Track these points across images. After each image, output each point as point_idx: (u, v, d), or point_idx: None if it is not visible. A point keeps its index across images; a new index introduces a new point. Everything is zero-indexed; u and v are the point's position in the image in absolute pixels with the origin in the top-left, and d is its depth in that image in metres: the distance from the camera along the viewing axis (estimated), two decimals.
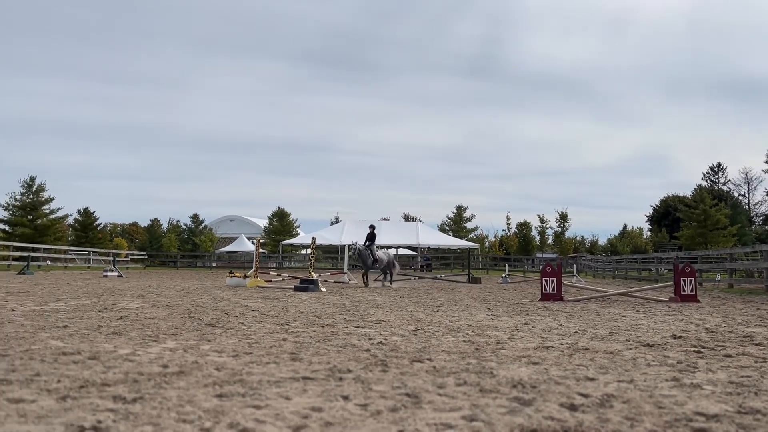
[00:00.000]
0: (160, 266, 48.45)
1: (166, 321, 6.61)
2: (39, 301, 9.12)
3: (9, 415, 2.58)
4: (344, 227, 48.28)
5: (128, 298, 10.26)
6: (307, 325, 6.43)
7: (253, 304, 9.52)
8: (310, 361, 4.13)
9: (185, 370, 3.66)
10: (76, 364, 3.83)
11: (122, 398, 2.92)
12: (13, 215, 46.90)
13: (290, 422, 2.57)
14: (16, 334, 5.24)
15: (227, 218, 79.64)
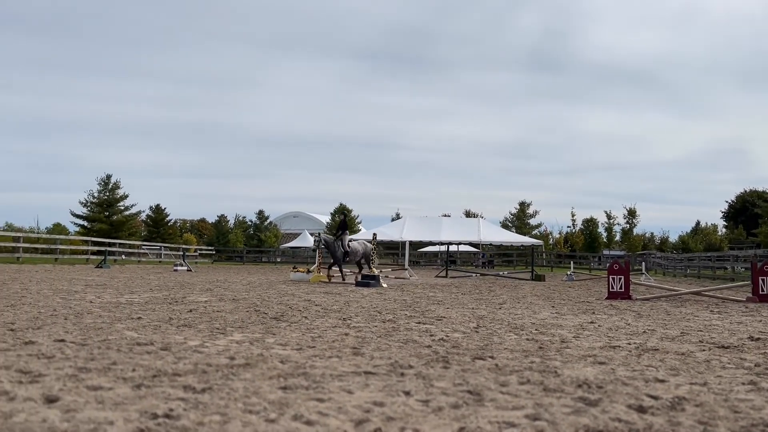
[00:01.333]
0: (227, 261, 49.91)
1: (233, 314, 6.80)
2: (115, 294, 9.57)
3: (88, 401, 2.72)
4: (405, 223, 48.23)
5: (197, 292, 10.63)
6: (369, 321, 6.49)
7: (316, 298, 9.68)
8: (372, 356, 4.16)
9: (251, 363, 3.76)
10: (149, 354, 4.00)
11: (192, 388, 3.03)
12: (91, 212, 49.35)
13: (352, 416, 2.60)
14: (94, 324, 5.52)
15: (291, 214, 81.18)
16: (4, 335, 4.65)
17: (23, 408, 2.56)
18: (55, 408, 2.58)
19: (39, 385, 3.00)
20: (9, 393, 2.79)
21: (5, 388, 2.88)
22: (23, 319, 5.78)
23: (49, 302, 7.66)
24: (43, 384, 3.02)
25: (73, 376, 3.21)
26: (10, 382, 3.02)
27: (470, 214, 67.36)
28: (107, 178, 50.26)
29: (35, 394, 2.79)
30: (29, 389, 2.89)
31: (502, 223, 59.84)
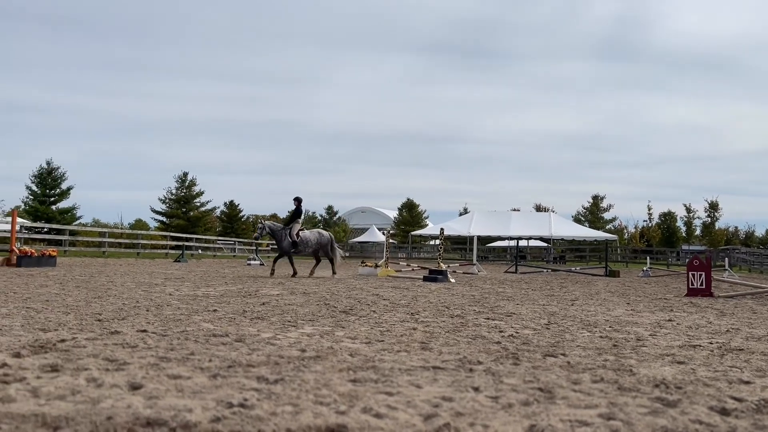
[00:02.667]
0: None
1: (304, 307, 6.95)
2: (192, 287, 9.96)
3: (168, 389, 2.85)
4: (473, 218, 47.89)
5: (269, 286, 10.91)
6: (437, 316, 6.48)
7: (384, 293, 9.74)
8: (440, 351, 4.16)
9: (321, 355, 3.83)
10: (224, 345, 4.14)
11: (265, 379, 3.12)
12: (169, 208, 51.52)
13: (421, 410, 2.60)
14: (173, 316, 5.77)
15: (359, 210, 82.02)
16: (92, 325, 4.93)
17: (110, 394, 2.71)
18: (139, 395, 2.72)
19: (124, 372, 3.17)
20: (97, 380, 2.96)
21: (93, 375, 3.05)
22: (109, 310, 6.11)
23: (132, 294, 8.06)
24: (128, 372, 3.18)
25: (155, 365, 3.37)
26: (98, 370, 3.20)
27: (541, 208, 66.00)
28: (184, 175, 52.34)
29: (120, 381, 2.95)
30: (115, 376, 3.06)
31: (575, 218, 58.37)
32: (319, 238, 15.37)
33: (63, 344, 3.94)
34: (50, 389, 2.75)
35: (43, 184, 43.33)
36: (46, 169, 43.64)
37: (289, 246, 14.86)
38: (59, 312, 5.79)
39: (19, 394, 2.65)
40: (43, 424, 2.26)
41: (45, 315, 5.51)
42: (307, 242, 15.06)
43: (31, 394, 2.67)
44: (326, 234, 15.77)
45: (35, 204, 42.32)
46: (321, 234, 15.63)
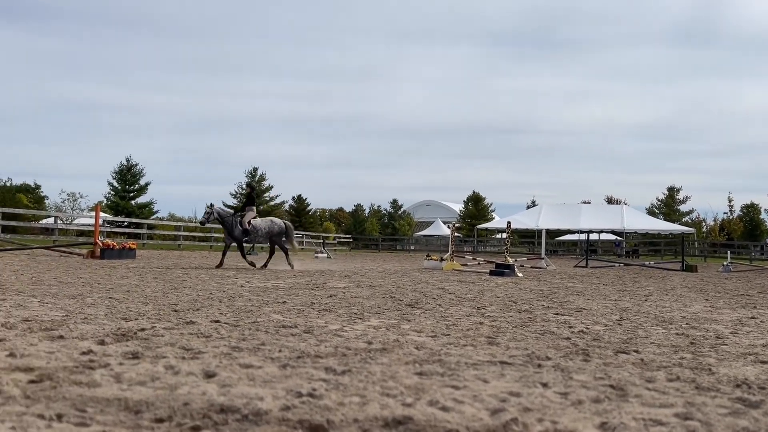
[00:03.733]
0: (364, 249, 51.44)
1: (370, 300, 7.01)
2: (262, 279, 10.23)
3: (240, 378, 2.94)
4: (541, 211, 46.93)
5: (336, 278, 11.08)
6: (504, 310, 6.40)
7: (449, 287, 9.71)
8: (507, 346, 4.11)
9: (387, 348, 3.86)
10: (293, 336, 4.24)
11: (333, 370, 3.17)
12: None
13: (488, 404, 2.58)
14: (245, 307, 5.95)
15: (424, 203, 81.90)
16: (168, 315, 5.15)
17: (186, 381, 2.83)
18: (213, 383, 2.82)
19: (199, 361, 3.29)
20: (174, 368, 3.10)
21: (171, 363, 3.19)
22: (184, 301, 6.37)
23: (205, 286, 8.37)
24: (202, 360, 3.31)
25: (228, 354, 3.49)
26: (175, 358, 3.34)
27: (612, 200, 63.94)
28: (254, 170, 53.75)
29: (196, 370, 3.07)
30: (191, 365, 3.19)
31: (649, 210, 56.23)
32: (270, 226, 14.53)
33: (143, 333, 4.14)
34: (131, 375, 2.90)
35: (123, 180, 45.49)
36: (125, 165, 45.78)
37: (241, 234, 14.13)
38: (139, 302, 6.08)
39: (104, 379, 2.80)
40: (126, 408, 2.38)
41: (126, 305, 5.80)
42: (257, 231, 14.27)
43: (114, 379, 2.82)
44: (279, 222, 14.89)
45: (116, 199, 44.51)
46: (273, 222, 14.78)
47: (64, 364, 3.09)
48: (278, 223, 14.79)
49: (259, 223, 14.40)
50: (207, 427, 2.19)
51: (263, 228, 14.37)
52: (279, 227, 14.66)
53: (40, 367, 2.98)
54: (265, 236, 14.44)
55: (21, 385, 2.64)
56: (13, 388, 2.58)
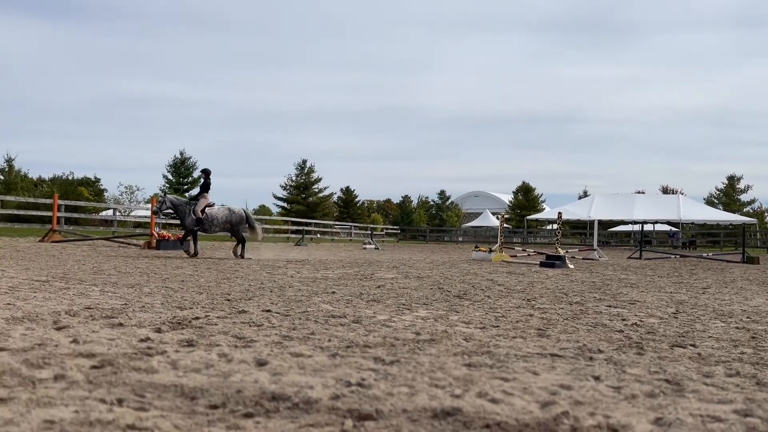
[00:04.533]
0: (411, 240, 51.45)
1: (418, 291, 7.02)
2: (312, 270, 10.37)
3: (291, 366, 2.99)
4: (593, 201, 45.89)
5: (384, 269, 11.12)
6: (554, 302, 6.30)
7: (498, 278, 9.62)
8: (558, 338, 4.05)
9: (436, 339, 3.86)
10: (342, 326, 4.29)
11: (381, 360, 3.19)
12: (290, 194, 53.81)
13: (538, 397, 2.55)
14: (295, 297, 6.04)
15: (472, 194, 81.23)
16: (222, 304, 5.28)
17: (239, 369, 2.90)
18: (265, 371, 2.88)
19: (251, 349, 3.37)
20: (227, 355, 3.18)
21: (224, 351, 3.28)
22: (237, 290, 6.52)
23: (257, 276, 8.54)
24: (254, 349, 3.38)
25: (279, 343, 3.56)
26: (228, 346, 3.43)
27: (668, 190, 61.98)
28: (303, 163, 54.42)
29: (248, 358, 3.14)
30: (243, 353, 3.26)
31: (707, 200, 54.33)
32: (228, 215, 13.96)
33: (197, 321, 4.26)
34: (187, 362, 2.99)
35: (177, 172, 46.79)
36: (179, 158, 47.05)
37: (193, 223, 13.53)
38: (193, 292, 6.25)
39: (161, 366, 2.90)
40: (182, 394, 2.46)
41: (181, 294, 5.97)
42: (212, 220, 13.71)
43: (170, 366, 2.91)
44: (238, 211, 14.22)
45: (170, 191, 45.82)
46: (231, 211, 14.12)
47: (124, 350, 3.21)
48: (237, 212, 14.18)
49: (215, 212, 13.87)
50: (259, 415, 2.24)
51: (220, 217, 13.87)
52: (238, 216, 14.10)
53: (102, 353, 3.10)
54: (222, 225, 13.95)
55: (84, 371, 2.76)
56: (77, 373, 2.70)
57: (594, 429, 2.18)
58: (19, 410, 2.17)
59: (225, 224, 13.96)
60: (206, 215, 13.58)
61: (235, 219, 13.99)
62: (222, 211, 13.97)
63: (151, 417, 2.16)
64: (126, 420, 2.11)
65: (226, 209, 14.13)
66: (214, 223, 13.75)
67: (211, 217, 13.67)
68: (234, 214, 14.02)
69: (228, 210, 14.10)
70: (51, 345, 3.26)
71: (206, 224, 13.61)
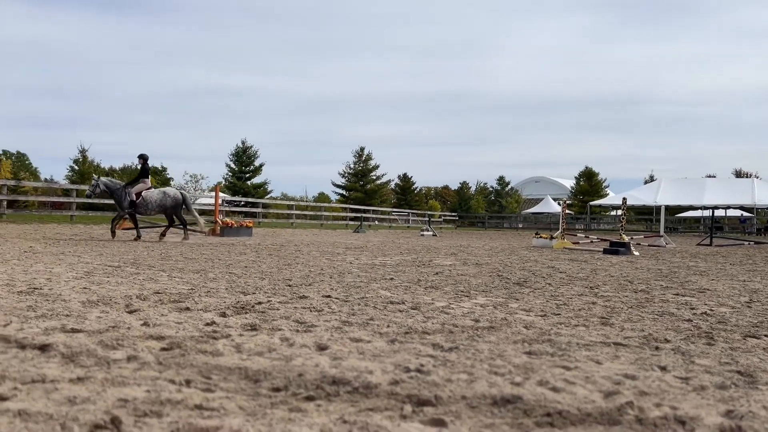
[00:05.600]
0: (469, 226, 51.05)
1: (477, 278, 6.97)
2: (370, 256, 10.45)
3: (351, 351, 3.04)
4: (660, 186, 44.25)
5: (442, 256, 11.09)
6: (618, 290, 6.13)
7: (560, 265, 9.43)
8: (622, 326, 3.94)
9: (495, 326, 3.83)
10: (401, 312, 4.31)
11: (440, 346, 3.19)
12: (348, 181, 54.26)
13: (601, 386, 2.50)
14: (354, 283, 6.11)
15: (532, 179, 79.77)
16: (283, 290, 5.40)
17: (300, 353, 2.96)
18: (325, 355, 2.93)
19: (311, 334, 3.43)
20: (289, 340, 3.25)
21: (286, 335, 3.35)
22: (297, 276, 6.64)
23: (317, 262, 8.67)
24: (315, 334, 3.45)
25: (338, 329, 3.61)
26: (290, 331, 3.51)
27: (742, 174, 59.08)
28: (361, 150, 54.71)
29: (309, 342, 3.20)
30: (304, 337, 3.33)
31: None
32: (162, 199, 13.91)
33: (260, 306, 4.38)
34: (250, 346, 3.07)
35: (239, 161, 47.88)
36: (241, 148, 48.12)
37: (128, 206, 13.56)
38: (256, 277, 6.41)
39: (226, 349, 2.99)
40: (246, 376, 2.53)
41: (244, 280, 6.14)
42: (147, 203, 13.70)
43: (235, 349, 3.01)
44: (173, 194, 14.19)
45: (233, 180, 47.00)
46: (166, 194, 14.07)
47: (191, 333, 3.33)
48: (172, 195, 14.15)
49: (151, 195, 13.86)
50: (320, 398, 2.29)
51: (155, 201, 13.85)
52: (173, 199, 14.06)
53: (170, 336, 3.23)
54: (157, 209, 13.97)
55: (154, 352, 2.88)
56: (148, 355, 2.82)
57: (660, 420, 2.12)
58: (95, 389, 2.29)
59: (159, 207, 13.98)
60: (141, 199, 13.67)
61: (169, 202, 14.00)
62: (156, 194, 14.01)
63: (217, 398, 2.24)
64: (194, 400, 2.19)
65: (160, 192, 14.16)
66: (149, 206, 13.83)
67: (146, 200, 13.75)
68: (168, 198, 14.04)
69: (162, 193, 14.14)
70: (123, 327, 3.42)
71: (141, 207, 13.69)
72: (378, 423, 2.03)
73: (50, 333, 3.21)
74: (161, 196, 13.99)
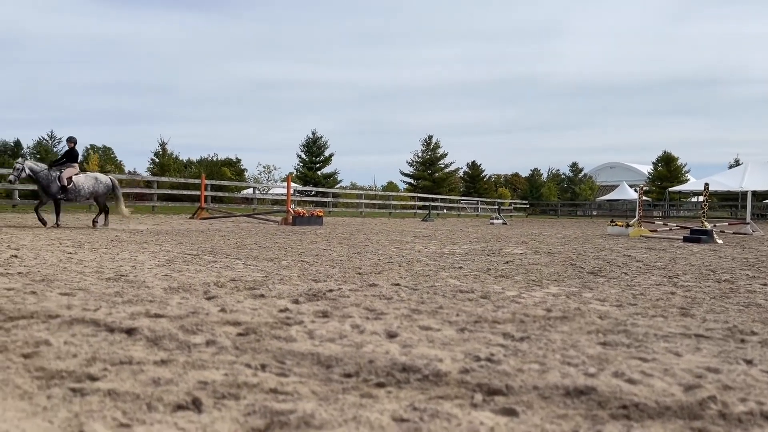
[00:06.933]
0: (541, 215, 50.02)
1: (548, 267, 6.83)
2: (439, 245, 10.43)
3: (420, 339, 3.05)
4: (746, 171, 41.80)
5: (512, 245, 10.93)
6: (700, 280, 5.86)
7: (636, 254, 9.11)
8: (704, 318, 3.77)
9: (568, 316, 3.75)
10: (470, 301, 4.28)
11: (511, 336, 3.16)
12: (416, 170, 54.20)
13: (681, 380, 2.41)
14: (423, 271, 6.12)
15: (607, 165, 77.17)
16: (353, 278, 5.48)
17: (370, 340, 3.00)
18: (395, 343, 2.96)
19: (381, 322, 3.47)
20: (359, 327, 3.30)
21: (356, 323, 3.40)
22: (367, 264, 6.72)
23: (386, 251, 8.74)
24: (385, 321, 3.48)
25: (408, 317, 3.63)
26: (360, 318, 3.56)
27: None
28: (429, 138, 54.48)
29: (379, 329, 3.24)
30: (374, 325, 3.37)
31: None
32: (94, 185, 13.24)
33: (331, 294, 4.46)
34: (322, 332, 3.14)
35: (309, 152, 48.73)
36: (311, 138, 48.94)
37: (58, 191, 12.72)
38: (327, 265, 6.53)
39: (299, 335, 3.07)
40: (318, 362, 2.60)
41: (316, 268, 6.27)
42: (79, 190, 12.98)
43: (307, 335, 3.08)
44: (105, 180, 13.52)
45: (304, 170, 47.89)
46: (98, 180, 13.38)
47: (265, 320, 3.44)
48: (104, 181, 13.53)
49: (82, 181, 13.16)
50: (390, 385, 2.31)
51: (86, 187, 13.17)
52: (105, 185, 13.48)
53: (246, 322, 3.34)
54: (89, 195, 13.33)
55: (231, 337, 3.00)
56: (225, 340, 2.94)
57: (745, 416, 2.02)
58: (177, 371, 2.41)
59: (91, 194, 13.39)
60: (73, 184, 12.96)
61: (101, 189, 13.46)
62: (88, 180, 13.37)
63: (291, 383, 2.31)
64: (269, 384, 2.27)
65: (92, 178, 13.54)
66: (81, 193, 13.16)
67: (78, 186, 13.06)
68: (100, 184, 13.47)
69: (94, 179, 13.53)
70: (202, 313, 3.57)
71: (71, 193, 12.98)
72: (448, 411, 2.03)
73: (136, 318, 3.39)
74: (94, 182, 13.39)
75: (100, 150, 58.63)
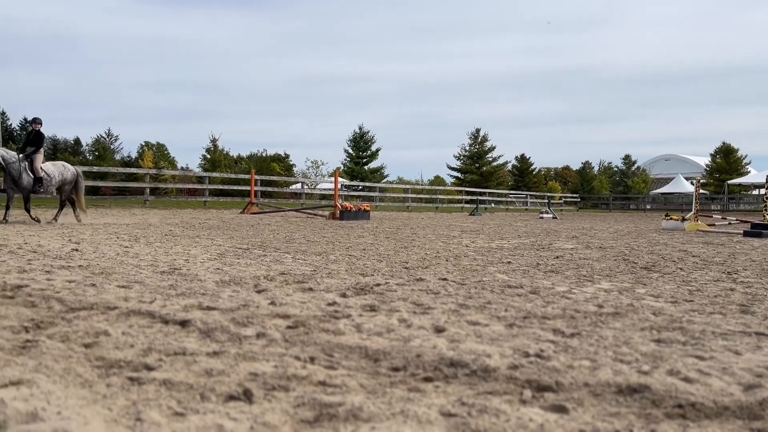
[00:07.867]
0: (592, 209, 48.94)
1: (600, 262, 6.68)
2: (486, 239, 10.33)
3: (468, 334, 3.03)
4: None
5: (563, 239, 10.73)
6: (761, 276, 5.63)
7: (693, 249, 8.81)
8: (765, 315, 3.62)
9: (620, 312, 3.66)
10: (519, 296, 4.23)
11: (561, 332, 3.11)
12: (463, 164, 53.81)
13: (740, 379, 2.32)
14: (470, 266, 6.08)
15: (662, 158, 74.82)
16: (400, 272, 5.48)
17: (417, 335, 3.00)
18: (443, 337, 2.95)
19: (429, 316, 3.47)
20: (406, 321, 3.30)
21: (404, 317, 3.41)
22: (414, 259, 6.71)
23: (433, 245, 8.71)
24: (432, 316, 3.48)
25: (455, 311, 3.62)
26: (407, 312, 3.56)
27: None
28: (476, 132, 53.96)
29: (426, 324, 3.24)
30: (421, 319, 3.37)
31: None
32: (62, 173, 11.98)
33: (378, 288, 4.48)
34: (370, 326, 3.16)
35: (356, 147, 48.96)
36: (358, 133, 49.15)
37: (31, 184, 11.35)
38: (374, 259, 6.56)
39: (347, 329, 3.10)
40: (366, 355, 2.61)
41: (363, 262, 6.30)
42: (49, 179, 11.64)
43: (355, 329, 3.10)
44: (72, 169, 12.35)
45: (351, 165, 48.14)
46: (65, 168, 12.20)
47: (314, 313, 3.48)
48: (71, 170, 12.33)
49: (52, 170, 11.87)
50: (438, 379, 2.31)
51: (57, 176, 11.89)
52: (72, 173, 12.27)
53: (295, 315, 3.39)
54: (58, 185, 12.01)
55: (281, 330, 3.04)
56: (275, 332, 2.99)
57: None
58: (229, 362, 2.47)
59: (60, 183, 12.09)
60: (45, 173, 11.65)
61: (70, 177, 12.21)
62: (57, 167, 12.14)
63: (339, 375, 2.33)
64: (318, 377, 2.30)
65: (60, 166, 12.32)
66: (51, 182, 11.85)
67: (49, 176, 11.74)
68: (68, 171, 12.24)
69: (63, 167, 12.32)
70: (253, 306, 3.64)
71: (45, 185, 11.63)
72: (497, 406, 2.02)
73: (189, 310, 3.48)
74: (62, 170, 12.15)
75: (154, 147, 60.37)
